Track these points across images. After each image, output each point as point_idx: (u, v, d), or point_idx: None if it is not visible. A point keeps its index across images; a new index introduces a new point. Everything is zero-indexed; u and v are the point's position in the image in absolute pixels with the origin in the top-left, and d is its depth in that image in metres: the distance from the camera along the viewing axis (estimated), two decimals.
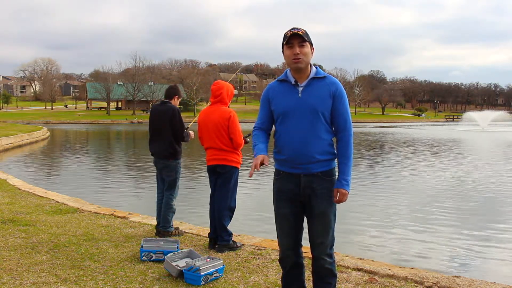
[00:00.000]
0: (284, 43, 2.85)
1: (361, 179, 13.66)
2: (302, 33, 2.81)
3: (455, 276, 4.08)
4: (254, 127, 3.10)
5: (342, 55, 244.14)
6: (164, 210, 5.38)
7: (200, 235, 5.42)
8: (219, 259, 4.09)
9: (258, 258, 4.54)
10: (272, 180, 3.07)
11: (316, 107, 2.85)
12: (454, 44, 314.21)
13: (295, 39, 2.82)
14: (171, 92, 5.57)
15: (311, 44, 2.88)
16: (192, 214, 8.34)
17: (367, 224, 8.08)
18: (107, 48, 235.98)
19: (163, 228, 5.36)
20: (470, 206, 9.77)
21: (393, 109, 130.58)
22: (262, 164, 2.81)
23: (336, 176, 2.97)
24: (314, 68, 2.95)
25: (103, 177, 14.20)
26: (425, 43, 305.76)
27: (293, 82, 2.92)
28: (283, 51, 2.91)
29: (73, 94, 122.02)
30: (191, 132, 5.54)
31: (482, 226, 8.02)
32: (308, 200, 2.91)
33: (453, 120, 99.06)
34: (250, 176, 2.82)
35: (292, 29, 2.84)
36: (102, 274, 4.03)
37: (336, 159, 2.98)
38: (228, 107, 5.05)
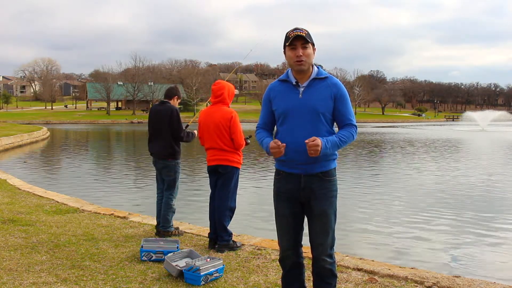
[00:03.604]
0: (287, 44, 2.84)
1: (361, 179, 13.66)
2: (304, 34, 2.79)
3: (455, 276, 4.09)
4: (257, 127, 3.09)
5: (342, 55, 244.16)
6: (164, 210, 5.38)
7: (200, 235, 5.42)
8: (219, 259, 4.09)
9: (258, 258, 4.54)
10: (272, 180, 3.07)
11: (317, 108, 2.84)
12: (453, 44, 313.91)
13: (298, 41, 2.81)
14: (171, 93, 5.57)
15: (313, 44, 2.87)
16: (192, 214, 8.33)
17: (367, 224, 8.08)
18: (107, 48, 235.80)
19: (163, 228, 5.36)
20: (470, 206, 9.77)
21: (393, 109, 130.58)
22: (278, 147, 2.76)
23: (336, 177, 2.97)
24: (315, 69, 2.94)
25: (103, 177, 14.20)
26: (425, 43, 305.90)
27: (294, 83, 2.91)
28: (284, 51, 2.90)
29: (73, 94, 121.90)
30: (195, 131, 5.52)
31: (482, 226, 8.02)
32: (308, 201, 2.90)
33: (453, 120, 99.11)
34: (282, 153, 2.77)
35: (294, 30, 2.83)
36: (102, 274, 4.03)
37: (336, 159, 2.97)
38: (229, 107, 5.04)
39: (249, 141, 5.06)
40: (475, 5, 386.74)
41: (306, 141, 2.72)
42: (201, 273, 3.80)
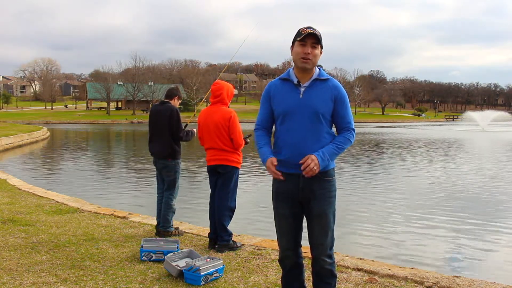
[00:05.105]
0: (298, 39, 2.83)
1: (361, 179, 13.67)
2: (317, 34, 2.80)
3: (455, 276, 4.09)
4: (256, 126, 3.06)
5: (342, 55, 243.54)
6: (164, 210, 5.38)
7: (200, 235, 5.42)
8: (219, 259, 4.09)
9: (258, 258, 4.55)
10: (271, 180, 3.06)
11: (317, 109, 2.84)
12: (453, 44, 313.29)
13: (310, 39, 2.81)
14: (172, 93, 5.59)
15: (321, 47, 2.88)
16: (192, 214, 8.34)
17: (367, 224, 8.08)
18: (107, 48, 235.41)
19: (163, 228, 5.36)
20: (470, 206, 9.77)
21: (393, 109, 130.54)
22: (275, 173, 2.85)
23: (335, 177, 2.97)
24: (317, 70, 2.94)
25: (103, 177, 14.20)
26: (425, 43, 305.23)
27: (295, 82, 2.91)
28: (292, 46, 2.89)
29: (73, 94, 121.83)
30: (195, 130, 5.52)
31: (482, 226, 8.02)
32: (307, 201, 2.90)
33: (453, 120, 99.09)
34: (282, 178, 2.85)
35: (308, 27, 2.83)
36: (102, 274, 4.03)
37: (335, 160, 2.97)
38: (228, 107, 5.05)
39: (248, 140, 5.07)
40: (475, 5, 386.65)
41: (301, 163, 2.76)
42: (201, 273, 3.80)
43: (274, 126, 3.03)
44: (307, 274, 3.35)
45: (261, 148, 2.97)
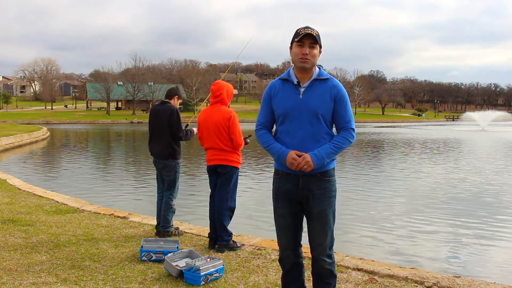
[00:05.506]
0: (296, 40, 2.83)
1: (361, 179, 13.66)
2: (315, 34, 2.80)
3: (455, 276, 4.09)
4: (257, 126, 3.04)
5: (342, 55, 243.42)
6: (164, 210, 5.38)
7: (200, 235, 5.42)
8: (219, 259, 4.09)
9: (258, 258, 4.55)
10: (271, 179, 3.06)
11: (317, 109, 2.84)
12: (452, 44, 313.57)
13: (307, 39, 2.81)
14: (172, 93, 5.60)
15: (320, 46, 2.88)
16: (192, 214, 8.34)
17: (367, 224, 8.08)
18: (108, 49, 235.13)
19: (163, 228, 5.37)
20: (470, 206, 9.77)
21: (393, 109, 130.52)
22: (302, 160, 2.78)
23: (335, 177, 2.97)
24: (317, 69, 2.93)
25: (103, 177, 14.20)
26: (424, 44, 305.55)
27: (295, 82, 2.91)
28: (291, 47, 2.89)
29: (73, 94, 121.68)
30: (194, 129, 5.53)
31: (482, 226, 8.02)
32: (306, 201, 2.90)
33: (453, 120, 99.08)
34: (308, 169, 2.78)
35: (305, 27, 2.83)
36: (102, 274, 4.03)
37: (335, 159, 2.96)
38: (228, 107, 5.05)
39: (248, 140, 5.07)
40: (475, 5, 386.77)
41: (294, 168, 2.78)
42: (201, 273, 3.80)
43: (274, 127, 3.03)
44: (307, 274, 3.35)
45: (271, 145, 2.92)
